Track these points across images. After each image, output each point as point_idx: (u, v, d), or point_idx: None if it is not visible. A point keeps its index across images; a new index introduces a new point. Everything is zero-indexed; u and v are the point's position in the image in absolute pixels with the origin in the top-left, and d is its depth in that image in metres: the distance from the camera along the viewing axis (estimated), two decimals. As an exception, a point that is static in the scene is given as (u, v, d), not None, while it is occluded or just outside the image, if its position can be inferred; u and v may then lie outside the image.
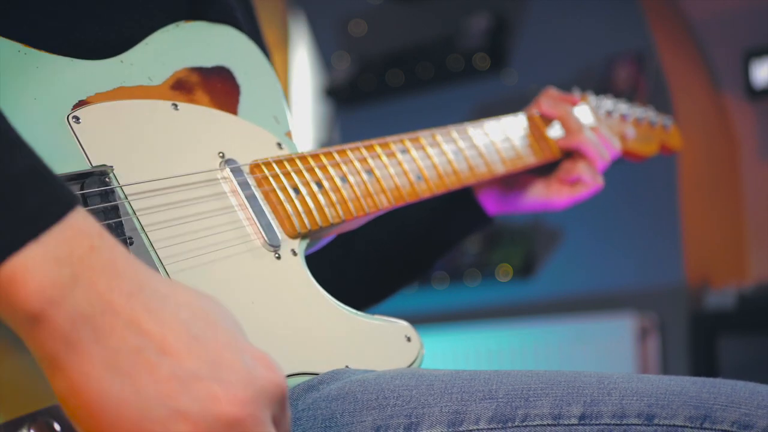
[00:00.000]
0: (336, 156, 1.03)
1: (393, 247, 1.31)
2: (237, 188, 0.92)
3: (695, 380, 0.79)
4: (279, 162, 0.97)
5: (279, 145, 1.00)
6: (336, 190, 1.00)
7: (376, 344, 0.95)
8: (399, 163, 1.09)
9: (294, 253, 0.94)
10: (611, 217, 3.30)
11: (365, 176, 1.04)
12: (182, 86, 0.95)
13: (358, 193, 1.02)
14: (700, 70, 3.47)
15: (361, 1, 3.90)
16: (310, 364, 0.89)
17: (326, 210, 0.98)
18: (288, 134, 1.04)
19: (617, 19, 3.38)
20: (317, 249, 1.04)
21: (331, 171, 1.01)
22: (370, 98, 3.81)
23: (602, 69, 3.35)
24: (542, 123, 1.32)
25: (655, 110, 1.52)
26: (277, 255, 0.92)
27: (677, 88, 3.27)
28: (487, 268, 3.50)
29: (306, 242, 0.97)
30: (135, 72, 0.92)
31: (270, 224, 0.93)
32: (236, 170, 0.93)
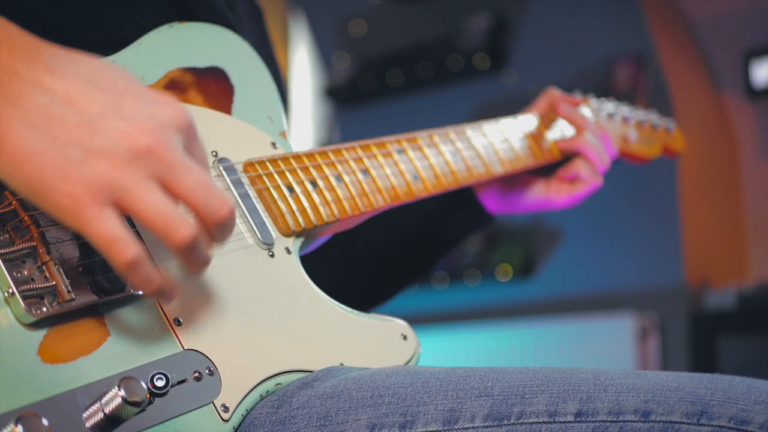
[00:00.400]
0: (331, 155, 1.02)
1: (393, 248, 1.30)
2: (230, 186, 0.92)
3: (692, 376, 0.78)
4: (273, 161, 0.97)
5: (273, 145, 1.00)
6: (331, 189, 1.00)
7: (372, 342, 0.95)
8: (395, 163, 1.08)
9: (288, 252, 0.94)
10: (611, 217, 3.29)
11: (361, 176, 1.04)
12: (176, 86, 0.95)
13: (354, 192, 1.02)
14: (700, 70, 3.46)
15: (361, 1, 3.89)
16: (305, 362, 0.88)
17: (321, 208, 0.98)
18: (282, 134, 1.04)
19: (617, 19, 3.37)
20: (314, 248, 1.04)
21: (326, 170, 1.01)
22: (370, 98, 3.81)
23: (602, 69, 3.35)
24: (542, 124, 1.32)
25: (658, 113, 1.52)
26: (271, 253, 0.92)
27: (677, 88, 3.26)
28: (487, 268, 3.49)
29: (301, 241, 0.97)
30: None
31: (264, 222, 0.92)
32: (229, 169, 0.93)
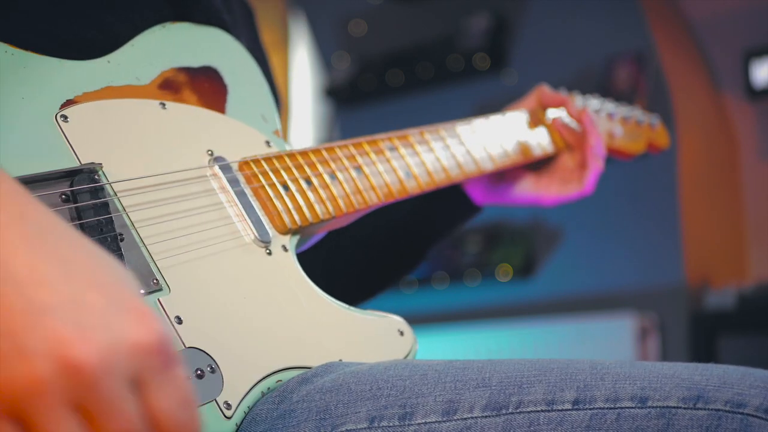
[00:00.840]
0: (325, 153, 1.03)
1: (379, 240, 1.31)
2: (226, 185, 0.93)
3: (687, 365, 0.79)
4: (268, 159, 0.98)
5: (267, 143, 1.01)
6: (325, 187, 1.01)
7: (369, 338, 0.95)
8: (388, 161, 1.09)
9: (285, 249, 0.94)
10: (611, 217, 3.29)
11: (354, 173, 1.05)
12: (170, 86, 0.96)
13: (348, 190, 1.03)
14: (700, 70, 3.46)
15: (361, 1, 3.90)
16: (303, 359, 0.89)
17: (316, 206, 0.99)
18: (276, 132, 1.05)
19: (617, 19, 3.38)
20: (309, 245, 1.04)
21: (320, 168, 1.02)
22: (370, 98, 3.81)
23: (602, 69, 3.35)
24: (531, 121, 1.33)
25: (642, 109, 1.53)
26: (268, 251, 0.93)
27: (677, 88, 3.27)
28: (487, 268, 3.49)
29: (297, 238, 0.98)
30: (122, 72, 0.93)
31: (260, 220, 0.93)
32: (225, 167, 0.94)
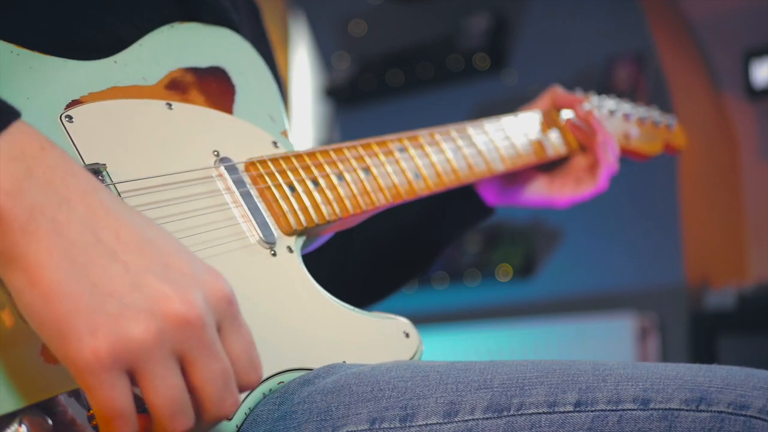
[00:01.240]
0: (333, 154, 1.02)
1: (390, 243, 1.30)
2: (231, 186, 0.92)
3: (690, 366, 0.78)
4: (274, 160, 0.97)
5: (275, 144, 1.00)
6: (332, 188, 1.00)
7: (374, 340, 0.95)
8: (397, 161, 1.08)
9: (290, 250, 0.94)
10: (611, 217, 3.29)
11: (362, 174, 1.04)
12: (177, 86, 0.95)
13: (355, 191, 1.02)
14: (700, 70, 3.46)
15: (361, 1, 3.89)
16: (306, 360, 0.88)
17: (322, 207, 0.98)
18: (284, 133, 1.04)
19: (617, 19, 3.37)
20: (316, 247, 1.04)
21: (328, 169, 1.01)
22: (370, 98, 3.81)
23: (602, 69, 3.35)
24: (545, 122, 1.32)
25: (659, 110, 1.52)
26: (273, 252, 0.92)
27: (677, 88, 3.26)
28: (487, 268, 3.49)
29: (302, 239, 0.97)
30: (129, 72, 0.92)
31: (265, 221, 0.92)
32: (231, 168, 0.93)
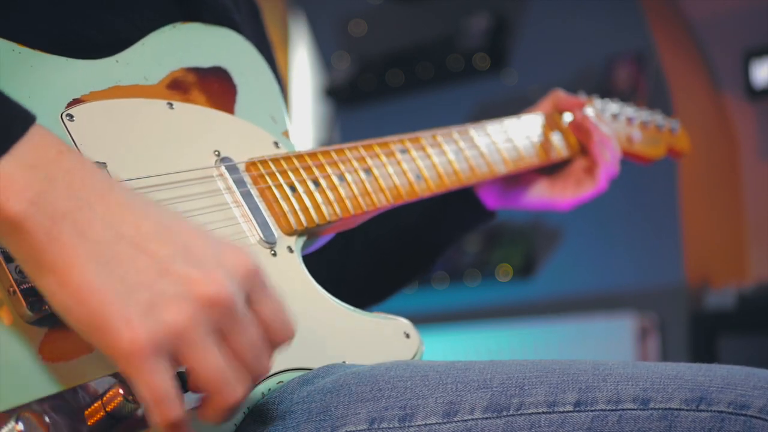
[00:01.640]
0: (334, 155, 1.02)
1: (391, 244, 1.30)
2: (232, 185, 0.92)
3: (690, 365, 0.78)
4: (275, 160, 0.97)
5: (276, 144, 1.00)
6: (333, 189, 1.00)
7: (375, 341, 0.95)
8: (398, 163, 1.08)
9: (290, 251, 0.94)
10: (611, 217, 3.29)
11: (363, 175, 1.04)
12: (178, 86, 0.95)
13: (356, 192, 1.02)
14: (700, 70, 3.46)
15: (361, 1, 3.89)
16: (306, 360, 0.88)
17: (323, 207, 0.98)
18: (285, 133, 1.04)
19: (617, 19, 3.37)
20: (317, 247, 1.04)
21: (329, 169, 1.01)
22: (370, 98, 3.81)
23: (602, 69, 3.35)
24: (547, 125, 1.32)
25: (663, 113, 1.52)
26: (273, 252, 0.92)
27: (677, 88, 3.26)
28: (487, 268, 3.49)
29: (303, 240, 0.97)
30: (130, 72, 0.92)
31: (266, 221, 0.92)
32: (231, 168, 0.93)
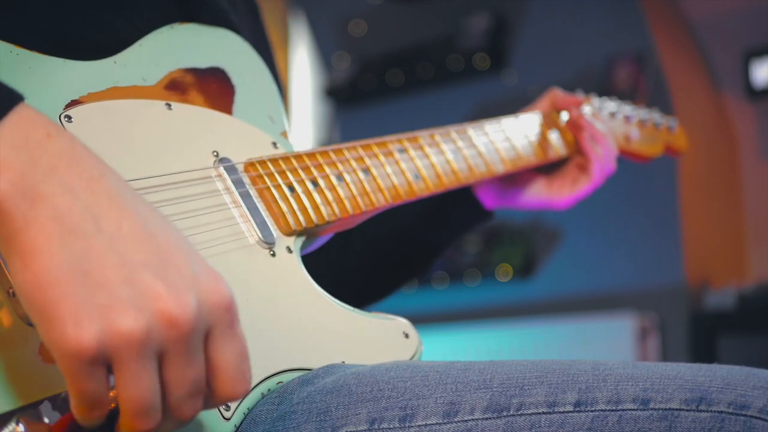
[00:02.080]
0: (332, 155, 1.03)
1: (390, 244, 1.30)
2: (231, 186, 0.92)
3: (690, 365, 0.78)
4: (274, 160, 0.97)
5: (274, 144, 1.00)
6: (332, 188, 1.00)
7: (374, 341, 0.95)
8: (396, 162, 1.08)
9: (289, 251, 0.94)
10: (611, 217, 3.29)
11: (362, 175, 1.04)
12: (176, 87, 0.95)
13: (355, 192, 1.02)
14: (700, 70, 3.46)
15: (361, 1, 3.89)
16: (305, 361, 0.88)
17: (321, 207, 0.98)
18: (284, 134, 1.04)
19: (617, 19, 3.38)
20: (316, 247, 1.04)
21: (327, 169, 1.01)
22: (370, 98, 3.81)
23: (602, 69, 3.35)
24: (545, 124, 1.32)
25: (660, 112, 1.52)
26: (272, 252, 0.92)
27: (677, 88, 3.27)
28: (487, 268, 3.49)
29: (302, 240, 0.97)
30: (129, 72, 0.92)
31: (264, 222, 0.93)
32: (230, 168, 0.93)
